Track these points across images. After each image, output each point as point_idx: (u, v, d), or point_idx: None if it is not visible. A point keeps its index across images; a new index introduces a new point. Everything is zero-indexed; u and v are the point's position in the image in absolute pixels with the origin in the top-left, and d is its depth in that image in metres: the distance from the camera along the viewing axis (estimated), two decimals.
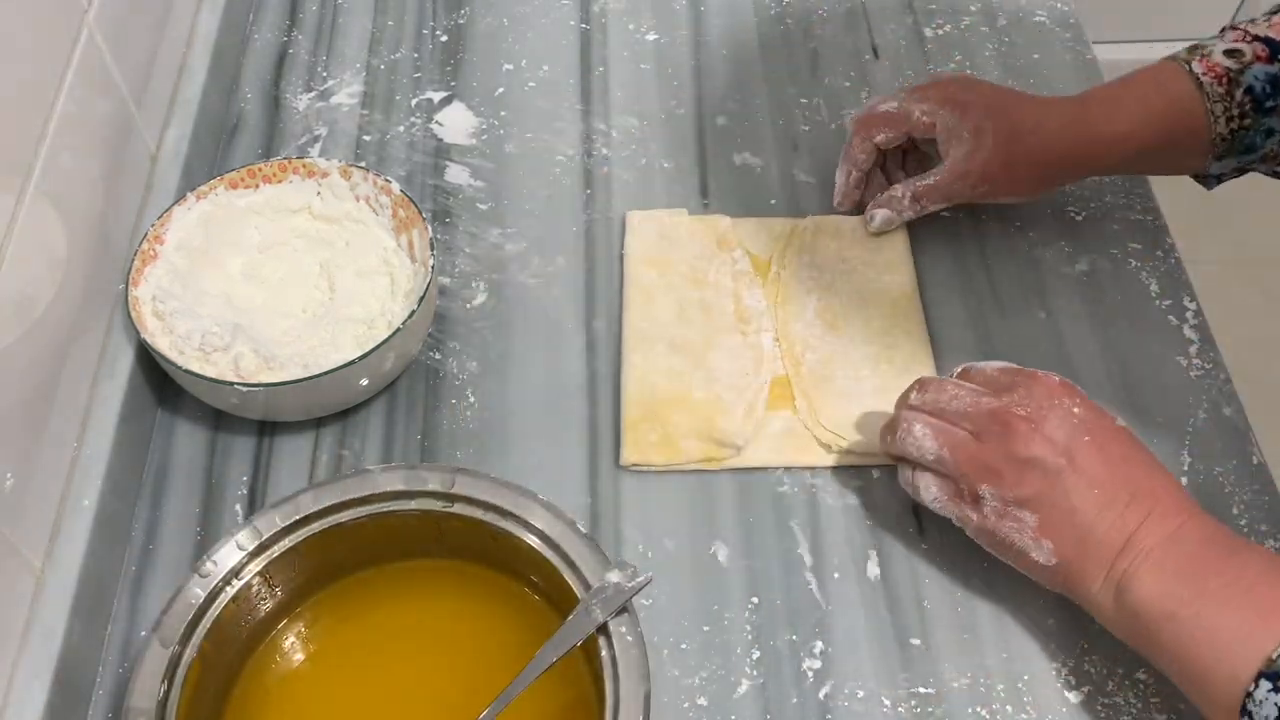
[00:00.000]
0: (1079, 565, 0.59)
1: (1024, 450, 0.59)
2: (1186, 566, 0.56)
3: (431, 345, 0.76)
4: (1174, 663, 0.56)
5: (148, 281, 0.71)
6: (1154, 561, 0.56)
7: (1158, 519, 0.57)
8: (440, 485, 0.62)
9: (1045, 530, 0.59)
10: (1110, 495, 0.58)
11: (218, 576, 0.60)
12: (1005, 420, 0.60)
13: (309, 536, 0.62)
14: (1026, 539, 0.60)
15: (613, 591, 0.58)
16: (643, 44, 0.94)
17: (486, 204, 0.84)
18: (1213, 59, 0.73)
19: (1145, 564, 0.56)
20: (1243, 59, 0.73)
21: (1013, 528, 0.60)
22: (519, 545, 0.61)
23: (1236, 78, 0.72)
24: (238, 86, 0.91)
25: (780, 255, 0.79)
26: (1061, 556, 0.59)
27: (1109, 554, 0.58)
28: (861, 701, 0.63)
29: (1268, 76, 0.72)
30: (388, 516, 0.62)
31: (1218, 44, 0.74)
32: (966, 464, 0.61)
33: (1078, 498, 0.58)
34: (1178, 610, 0.55)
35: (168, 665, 0.56)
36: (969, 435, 0.62)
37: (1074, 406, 0.60)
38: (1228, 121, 0.73)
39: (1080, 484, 0.58)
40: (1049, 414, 0.60)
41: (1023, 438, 0.59)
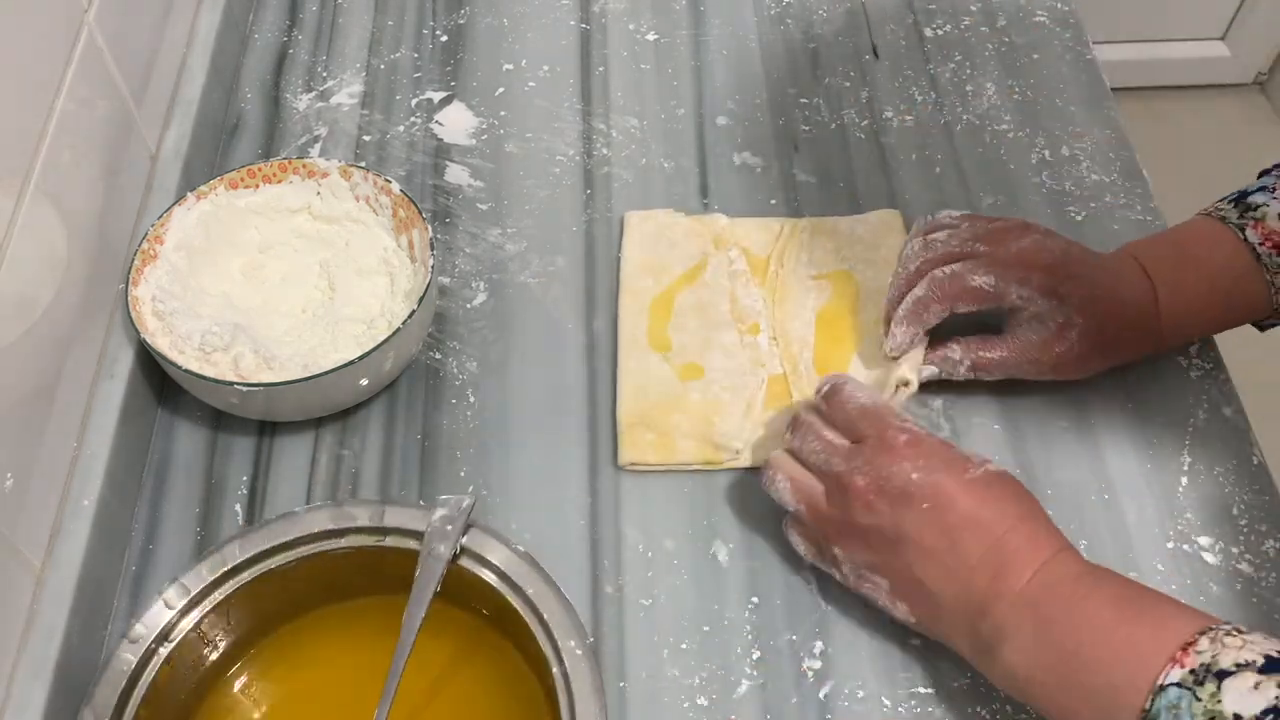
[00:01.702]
0: (939, 629, 0.60)
1: (864, 518, 0.60)
2: (1042, 631, 0.55)
3: (431, 345, 0.76)
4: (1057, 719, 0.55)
5: (148, 281, 0.71)
6: (1010, 632, 0.55)
7: (1008, 576, 0.56)
8: (370, 520, 0.61)
9: (898, 594, 0.60)
10: (954, 561, 0.57)
11: (148, 639, 0.58)
12: (844, 486, 0.60)
13: (240, 587, 0.60)
14: (885, 599, 0.61)
15: (446, 526, 0.59)
16: (643, 44, 0.94)
17: (486, 204, 0.84)
18: (1268, 224, 0.68)
19: (1002, 637, 0.56)
20: None
21: (870, 589, 0.62)
22: (458, 572, 0.60)
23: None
24: (238, 86, 0.91)
25: (778, 254, 0.79)
26: (919, 620, 0.60)
27: (964, 620, 0.58)
28: (861, 701, 0.63)
29: None
30: (319, 557, 0.61)
31: (1271, 203, 0.69)
32: (819, 523, 0.62)
33: (919, 569, 0.58)
34: (1045, 679, 0.54)
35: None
36: (822, 493, 0.62)
37: (913, 472, 0.59)
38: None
39: (919, 556, 0.58)
40: (888, 481, 0.59)
41: (863, 505, 0.60)
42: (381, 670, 0.57)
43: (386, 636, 0.58)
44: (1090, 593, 0.55)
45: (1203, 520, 0.69)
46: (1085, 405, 0.73)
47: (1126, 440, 0.72)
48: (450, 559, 0.59)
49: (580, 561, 0.67)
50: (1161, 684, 0.50)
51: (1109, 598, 0.55)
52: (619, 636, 0.65)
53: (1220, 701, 0.48)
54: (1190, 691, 0.49)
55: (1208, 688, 0.49)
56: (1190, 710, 0.49)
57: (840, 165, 0.86)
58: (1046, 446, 0.72)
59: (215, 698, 0.62)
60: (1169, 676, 0.50)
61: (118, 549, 0.67)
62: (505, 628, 0.62)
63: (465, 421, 0.73)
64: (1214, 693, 0.48)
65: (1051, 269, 0.68)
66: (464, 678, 0.63)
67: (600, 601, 0.66)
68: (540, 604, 0.59)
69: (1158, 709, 0.50)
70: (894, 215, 0.81)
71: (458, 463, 0.71)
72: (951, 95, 0.90)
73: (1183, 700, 0.49)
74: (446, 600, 0.60)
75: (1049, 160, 0.86)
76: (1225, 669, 0.49)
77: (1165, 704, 0.49)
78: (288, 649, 0.64)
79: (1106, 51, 0.98)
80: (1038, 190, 0.84)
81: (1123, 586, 0.56)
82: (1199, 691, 0.49)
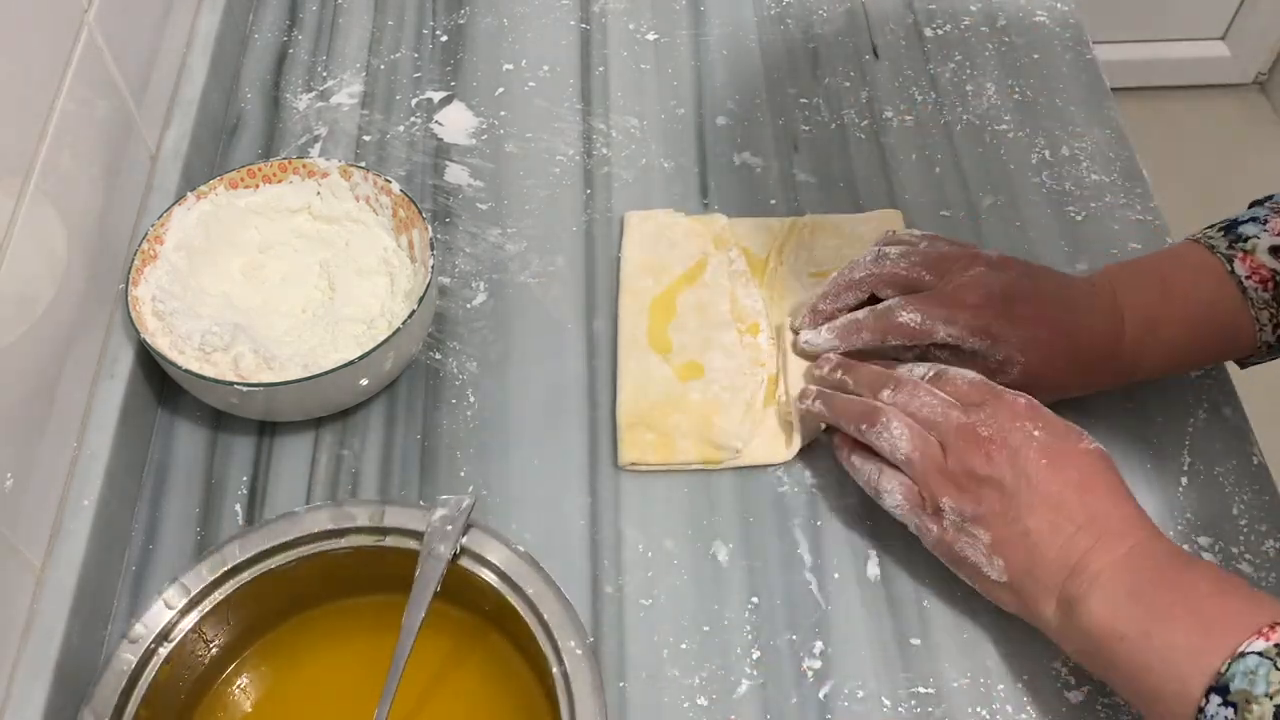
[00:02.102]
0: (1030, 585, 0.60)
1: (983, 468, 0.60)
2: (1136, 588, 0.56)
3: (431, 345, 0.76)
4: (1127, 681, 0.56)
5: (148, 281, 0.71)
6: (1104, 583, 0.56)
7: (1109, 542, 0.57)
8: (369, 520, 0.61)
9: (998, 548, 0.60)
10: (1063, 518, 0.59)
11: (148, 639, 0.58)
12: (969, 436, 0.61)
13: (240, 587, 0.60)
14: (980, 555, 0.61)
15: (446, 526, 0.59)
16: (643, 44, 0.94)
17: (486, 204, 0.84)
18: (1258, 257, 0.66)
19: (1095, 586, 0.57)
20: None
21: (968, 543, 0.61)
22: (458, 572, 0.60)
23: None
24: (238, 86, 0.91)
25: (777, 253, 0.79)
26: (1013, 575, 0.60)
27: (1059, 575, 0.58)
28: (861, 701, 0.63)
29: None
30: (319, 557, 0.62)
31: (1261, 236, 0.67)
32: (932, 472, 0.62)
33: (1031, 519, 0.59)
34: (1127, 631, 0.55)
35: None
36: (937, 444, 0.62)
37: (1035, 430, 0.60)
38: (1275, 329, 0.67)
39: (1033, 505, 0.59)
40: (1010, 435, 0.60)
41: (983, 455, 0.60)
42: (381, 670, 0.57)
43: (386, 636, 0.58)
44: (1188, 566, 0.57)
45: (1203, 520, 0.69)
46: (1085, 405, 0.73)
47: (1126, 440, 0.72)
48: (450, 559, 0.59)
49: (580, 561, 0.67)
50: (1243, 651, 0.51)
51: (1206, 574, 0.56)
52: (619, 636, 0.65)
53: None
54: (1271, 661, 0.50)
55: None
56: (1268, 677, 0.49)
57: (840, 165, 0.86)
58: None
59: (215, 697, 0.62)
60: (1251, 645, 0.51)
61: (118, 549, 0.67)
62: (505, 627, 0.62)
63: (465, 421, 0.73)
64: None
65: (979, 309, 0.67)
66: (464, 677, 0.63)
67: (600, 601, 0.66)
68: (540, 604, 0.59)
69: (1234, 672, 0.50)
70: (895, 215, 0.81)
71: (458, 463, 0.71)
72: (951, 95, 0.90)
73: (1261, 668, 0.50)
74: (446, 600, 0.60)
75: (1049, 160, 0.86)
76: None
77: (1243, 669, 0.50)
78: (287, 649, 0.64)
79: (1106, 51, 0.98)
80: (1038, 190, 0.84)
81: (1218, 569, 0.57)
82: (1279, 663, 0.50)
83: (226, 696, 0.62)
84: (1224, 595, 0.54)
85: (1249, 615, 0.52)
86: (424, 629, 0.58)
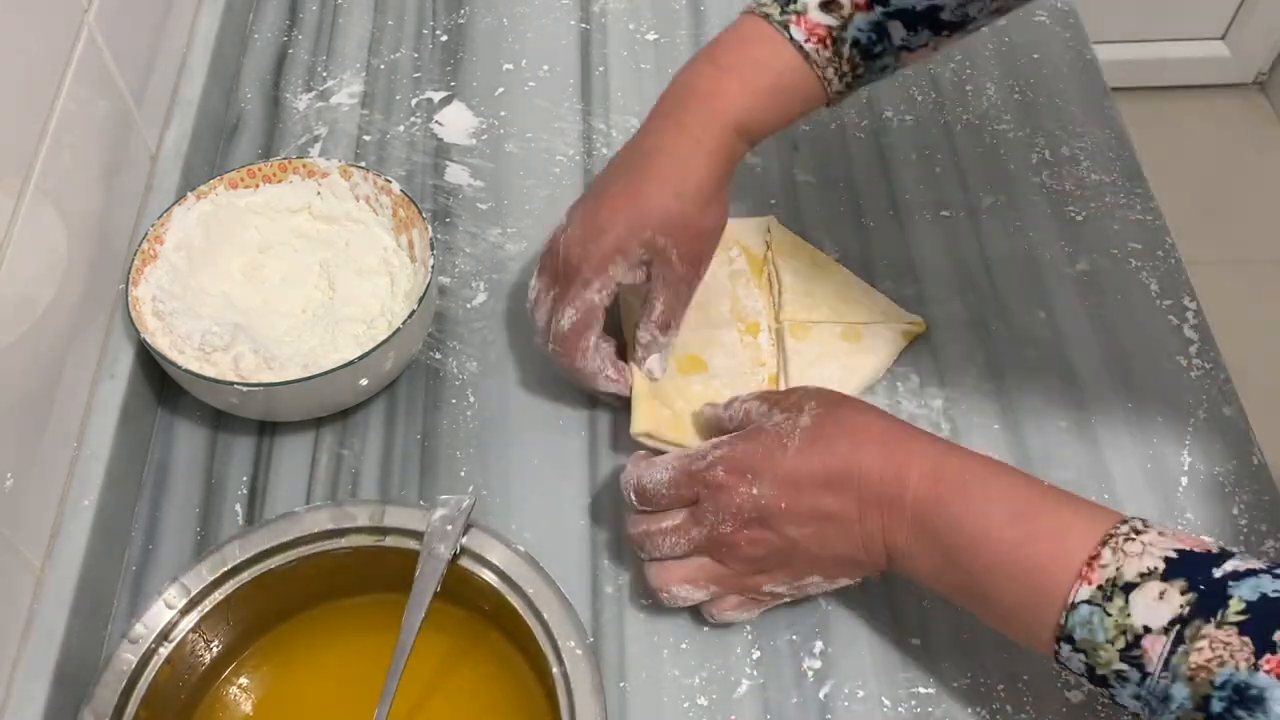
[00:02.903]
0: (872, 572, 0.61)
1: (754, 553, 0.60)
2: (946, 552, 0.56)
3: (431, 345, 0.76)
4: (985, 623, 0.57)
5: (148, 281, 0.71)
6: (919, 553, 0.57)
7: (894, 510, 0.57)
8: (369, 520, 0.61)
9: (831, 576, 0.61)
10: (841, 526, 0.58)
11: (148, 639, 0.58)
12: (718, 543, 0.60)
13: (240, 587, 0.60)
14: (829, 586, 0.62)
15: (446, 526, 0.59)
16: (643, 44, 0.94)
17: (486, 204, 0.84)
18: (810, 17, 0.66)
19: (912, 560, 0.57)
20: (842, 12, 0.66)
21: (813, 588, 0.62)
22: (458, 572, 0.60)
23: (840, 34, 0.66)
24: (238, 86, 0.91)
25: (775, 251, 0.79)
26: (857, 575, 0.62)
27: (879, 562, 0.59)
28: (861, 701, 0.63)
29: (871, 25, 0.66)
30: (319, 557, 0.61)
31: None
32: (729, 584, 0.62)
33: (823, 550, 0.59)
34: (963, 597, 0.57)
35: None
36: (709, 564, 0.61)
37: (753, 488, 0.58)
38: (840, 79, 0.68)
39: (815, 542, 0.59)
40: (738, 512, 0.59)
41: (745, 546, 0.60)
42: (381, 670, 0.57)
43: (386, 636, 0.58)
44: (983, 508, 0.55)
45: (1203, 520, 0.69)
46: (1085, 405, 0.74)
47: (1126, 440, 0.72)
48: (450, 559, 0.59)
49: (580, 561, 0.67)
50: (1073, 602, 0.51)
51: (1005, 515, 0.55)
52: (619, 636, 0.65)
53: (1129, 615, 0.50)
54: (1100, 607, 0.50)
55: (1115, 602, 0.50)
56: (1102, 625, 0.50)
57: (840, 165, 0.86)
58: (1046, 446, 0.72)
59: (215, 697, 0.62)
60: (1078, 594, 0.51)
61: (118, 549, 0.67)
62: (505, 627, 0.62)
63: (465, 421, 0.73)
64: (1122, 607, 0.50)
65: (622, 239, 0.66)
66: (464, 677, 0.63)
67: (600, 601, 0.66)
68: (540, 604, 0.59)
69: (1072, 624, 0.51)
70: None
71: (458, 463, 0.71)
72: (951, 95, 0.90)
73: (1094, 616, 0.51)
74: (446, 600, 0.60)
75: (1049, 160, 0.86)
76: (1130, 581, 0.50)
77: (1079, 620, 0.51)
78: (288, 648, 0.64)
79: (1106, 51, 0.98)
80: (1038, 190, 0.84)
81: (1011, 494, 0.55)
82: (1108, 607, 0.50)
83: (226, 696, 0.62)
84: (1034, 540, 0.53)
85: (1063, 558, 0.52)
86: (424, 629, 0.58)
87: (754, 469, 0.59)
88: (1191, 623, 0.48)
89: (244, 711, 0.62)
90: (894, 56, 0.68)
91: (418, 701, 0.61)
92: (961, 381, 0.74)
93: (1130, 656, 0.49)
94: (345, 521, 0.62)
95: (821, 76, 0.67)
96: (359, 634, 0.64)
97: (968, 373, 0.75)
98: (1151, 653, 0.49)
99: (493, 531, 0.61)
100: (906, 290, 0.79)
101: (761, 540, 0.59)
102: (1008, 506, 0.55)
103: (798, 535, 0.59)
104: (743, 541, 0.59)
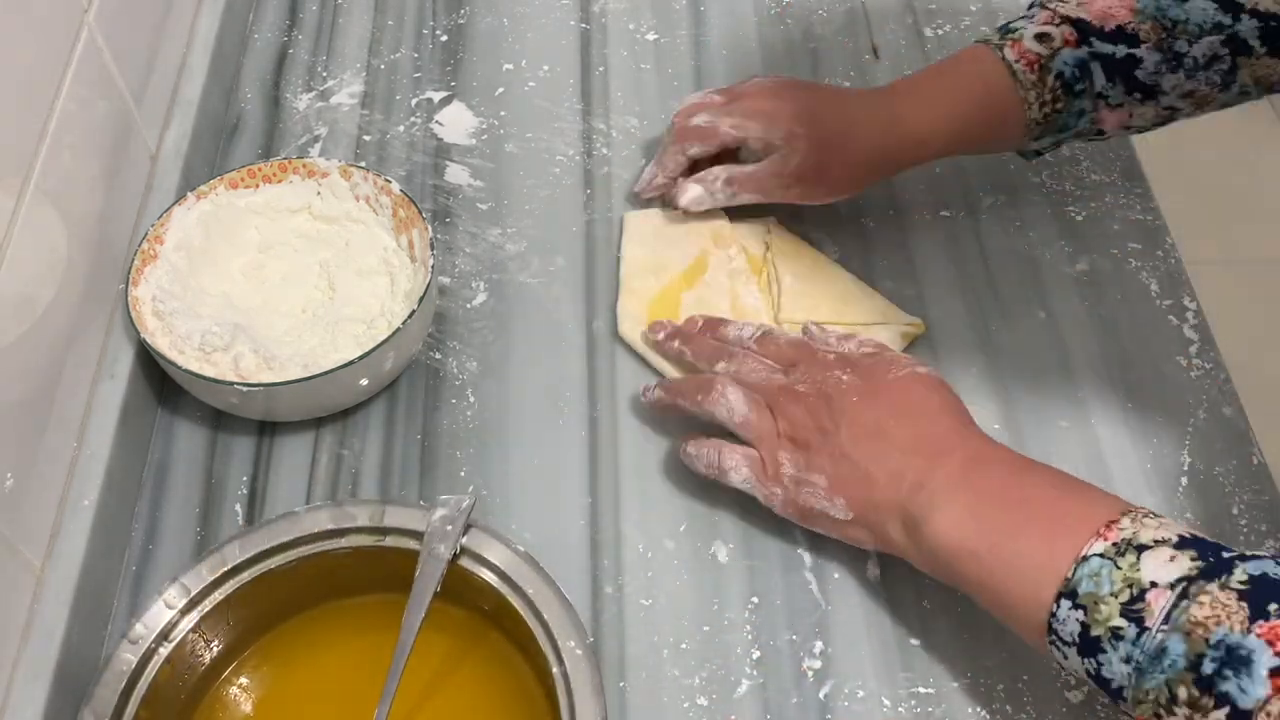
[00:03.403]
0: (873, 513, 0.62)
1: (804, 419, 0.64)
2: (975, 504, 0.58)
3: (431, 345, 0.76)
4: (980, 593, 0.58)
5: (148, 281, 0.71)
6: (941, 503, 0.59)
7: (940, 460, 0.60)
8: (370, 520, 0.61)
9: (835, 487, 0.63)
10: (886, 444, 0.62)
11: (148, 639, 0.58)
12: (790, 395, 0.66)
13: (240, 587, 0.60)
14: (823, 500, 0.63)
15: (446, 526, 0.59)
16: (643, 44, 0.94)
17: (486, 204, 0.84)
18: (1024, 44, 0.74)
19: (934, 506, 0.59)
20: (1052, 44, 0.74)
21: (809, 492, 0.64)
22: (458, 572, 0.60)
23: (1047, 63, 0.73)
24: (238, 86, 0.91)
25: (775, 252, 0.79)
26: (856, 508, 0.63)
27: (897, 496, 0.61)
28: (861, 701, 0.63)
29: (1076, 61, 0.73)
30: (319, 557, 0.61)
31: (1028, 26, 0.75)
32: (767, 434, 0.66)
33: (856, 451, 0.62)
34: (975, 547, 0.57)
35: None
36: (767, 408, 0.66)
37: (843, 375, 0.65)
38: (1040, 106, 0.74)
39: (855, 439, 0.63)
40: (823, 384, 0.65)
41: (803, 409, 0.65)
42: (381, 670, 0.57)
43: (386, 636, 0.58)
44: (1022, 473, 0.60)
45: (1203, 520, 0.69)
46: (1085, 405, 0.74)
47: (1126, 440, 0.72)
48: (450, 559, 0.59)
49: (580, 561, 0.67)
50: (1085, 555, 0.53)
51: (1041, 479, 0.59)
52: (619, 636, 0.65)
53: (1139, 570, 0.52)
54: (1111, 561, 0.53)
55: (1127, 558, 0.52)
56: (1110, 577, 0.52)
57: None
58: (1046, 446, 0.72)
59: (215, 697, 0.62)
60: (1092, 548, 0.53)
61: (118, 549, 0.67)
62: (505, 627, 0.62)
63: (465, 421, 0.73)
64: (1133, 563, 0.52)
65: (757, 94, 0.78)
66: (464, 678, 0.63)
67: (600, 601, 0.66)
68: (540, 604, 0.59)
69: (1079, 576, 0.53)
70: None
71: (458, 463, 0.71)
72: None
73: (1104, 569, 0.53)
74: (446, 600, 0.60)
75: (1049, 160, 0.86)
76: (1144, 543, 0.53)
77: (1087, 572, 0.53)
78: (288, 648, 0.64)
79: None
80: (1038, 190, 0.84)
81: (1054, 472, 0.60)
82: (1119, 561, 0.52)
83: (226, 696, 0.62)
84: (1063, 499, 0.57)
85: (1088, 517, 0.55)
86: (424, 629, 0.58)
87: (857, 368, 0.65)
88: (1197, 582, 0.50)
89: (244, 711, 0.62)
90: (1091, 103, 0.74)
91: (418, 701, 0.61)
92: (961, 381, 0.74)
93: (1131, 610, 0.51)
94: (345, 521, 0.62)
95: (1024, 99, 0.74)
96: (359, 634, 0.63)
97: (968, 373, 0.75)
98: (1154, 605, 0.50)
99: (493, 531, 0.61)
100: (906, 290, 0.79)
101: (817, 412, 0.64)
102: (1045, 476, 0.59)
103: (847, 421, 0.63)
104: (808, 400, 0.65)
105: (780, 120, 0.75)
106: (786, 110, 0.76)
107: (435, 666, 0.62)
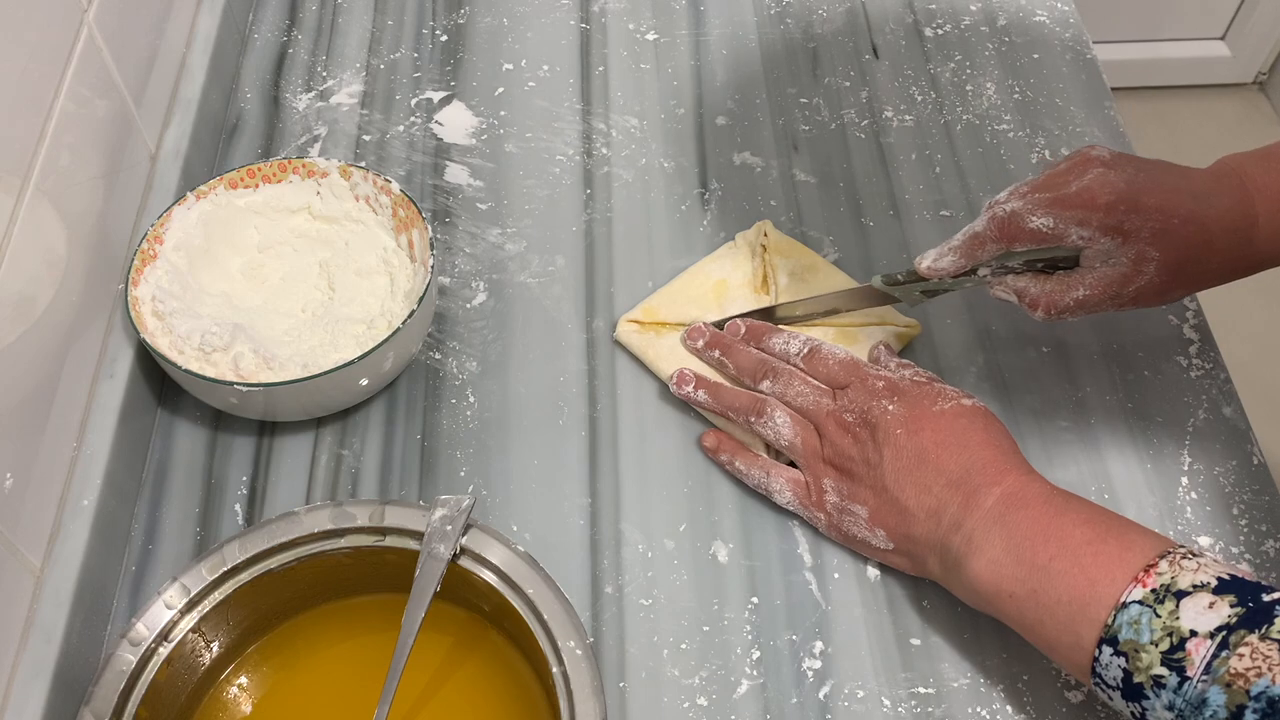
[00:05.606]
0: (912, 546, 0.63)
1: (850, 448, 0.65)
2: (1013, 545, 0.58)
3: (431, 345, 0.76)
4: (1022, 631, 0.59)
5: (147, 281, 0.71)
6: (979, 543, 0.59)
7: (977, 497, 0.60)
8: (370, 520, 0.61)
9: (875, 519, 0.64)
10: (927, 477, 0.62)
11: (148, 639, 0.58)
12: (838, 421, 0.66)
13: (240, 587, 0.60)
14: (864, 530, 0.64)
15: (446, 526, 0.59)
16: (643, 44, 0.94)
17: (486, 204, 0.84)
18: None
19: (972, 546, 0.59)
20: None
21: (850, 520, 0.65)
22: (458, 572, 0.60)
23: None
24: (238, 86, 0.91)
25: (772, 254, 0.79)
26: (895, 540, 0.63)
27: (934, 537, 0.61)
28: (861, 701, 0.63)
29: None
30: (319, 557, 0.61)
31: None
32: (813, 459, 0.67)
33: (895, 485, 0.63)
34: (1014, 590, 0.58)
35: None
36: (815, 431, 0.67)
37: (889, 404, 0.64)
38: None
39: (897, 472, 0.63)
40: (869, 412, 0.65)
41: (850, 438, 0.65)
42: (381, 670, 0.57)
43: (386, 636, 0.58)
44: (1061, 513, 0.58)
45: (1203, 520, 0.69)
46: (1085, 405, 0.74)
47: (1126, 440, 0.72)
48: (450, 559, 0.59)
49: (580, 561, 0.67)
50: (1125, 601, 0.53)
51: (1079, 518, 0.58)
52: (619, 636, 0.65)
53: (1178, 618, 0.52)
54: (1150, 609, 0.53)
55: (1167, 605, 0.52)
56: (1150, 625, 0.52)
57: (840, 165, 0.86)
58: (1046, 446, 0.72)
59: (215, 697, 0.62)
60: (1131, 595, 0.53)
61: (118, 549, 0.67)
62: (505, 627, 0.62)
63: (465, 421, 0.73)
64: (1172, 610, 0.52)
65: (1112, 207, 0.64)
66: (464, 677, 0.63)
67: (600, 601, 0.66)
68: (540, 604, 0.59)
69: (1119, 623, 0.53)
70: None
71: (458, 463, 0.71)
72: (951, 95, 0.90)
73: (1143, 616, 0.53)
74: (446, 600, 0.60)
75: (1049, 160, 0.86)
76: (1183, 589, 0.52)
77: (1127, 619, 0.53)
78: (287, 648, 0.64)
79: (1106, 51, 0.98)
80: None
81: (1091, 509, 0.59)
82: (1158, 609, 0.52)
83: (226, 696, 0.62)
84: (1101, 540, 0.56)
85: (1126, 562, 0.55)
86: (424, 629, 0.58)
87: (904, 397, 0.65)
88: (1237, 631, 0.50)
89: (244, 711, 0.62)
90: None
91: (418, 701, 0.61)
92: (961, 382, 0.74)
93: (1172, 659, 0.51)
94: (345, 521, 0.62)
95: None
96: (359, 634, 0.64)
97: (967, 373, 0.75)
98: (1195, 655, 0.50)
99: (493, 531, 0.61)
100: None
101: (865, 441, 0.64)
102: (1083, 514, 0.58)
103: (889, 455, 0.63)
104: (855, 431, 0.65)
105: (1134, 240, 0.64)
106: (1143, 231, 0.64)
107: (435, 666, 0.62)
